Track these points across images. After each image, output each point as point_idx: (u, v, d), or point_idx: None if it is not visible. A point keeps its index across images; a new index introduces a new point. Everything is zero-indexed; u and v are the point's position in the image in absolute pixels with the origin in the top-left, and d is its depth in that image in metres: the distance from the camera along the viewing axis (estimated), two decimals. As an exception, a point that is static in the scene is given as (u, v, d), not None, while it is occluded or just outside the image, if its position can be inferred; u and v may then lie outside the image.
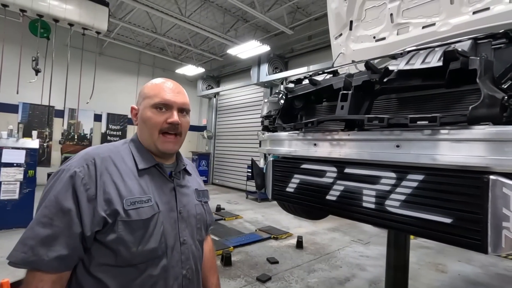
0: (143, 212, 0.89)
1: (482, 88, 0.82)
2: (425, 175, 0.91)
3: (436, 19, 1.90)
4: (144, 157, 0.98)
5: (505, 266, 4.47)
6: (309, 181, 1.30)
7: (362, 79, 1.19)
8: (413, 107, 1.17)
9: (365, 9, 2.24)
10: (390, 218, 0.98)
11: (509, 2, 1.64)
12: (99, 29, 5.81)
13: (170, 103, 0.98)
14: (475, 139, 0.82)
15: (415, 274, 4.01)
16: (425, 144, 0.92)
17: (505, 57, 0.90)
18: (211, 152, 12.39)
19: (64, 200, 0.82)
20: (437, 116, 0.86)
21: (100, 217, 0.83)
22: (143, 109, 0.98)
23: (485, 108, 0.81)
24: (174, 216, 0.98)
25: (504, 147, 0.77)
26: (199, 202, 1.10)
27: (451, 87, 1.01)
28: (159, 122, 0.96)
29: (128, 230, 0.85)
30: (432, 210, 0.88)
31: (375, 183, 1.03)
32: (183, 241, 0.98)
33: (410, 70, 0.99)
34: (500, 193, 0.74)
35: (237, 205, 8.28)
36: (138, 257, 0.87)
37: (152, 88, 1.00)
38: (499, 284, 3.87)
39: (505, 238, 0.72)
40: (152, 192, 0.94)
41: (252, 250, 4.62)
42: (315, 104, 1.59)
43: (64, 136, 9.45)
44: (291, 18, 8.10)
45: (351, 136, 1.14)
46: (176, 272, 0.95)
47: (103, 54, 10.53)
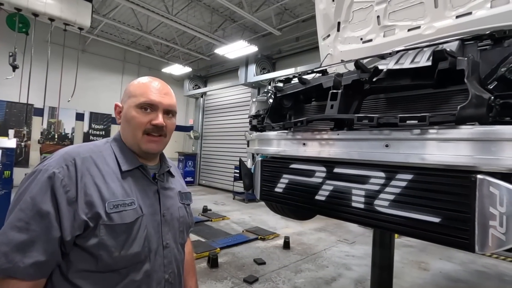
0: (126, 216, 0.85)
1: (470, 88, 0.84)
2: (414, 174, 0.91)
3: (421, 22, 1.94)
4: (127, 158, 0.94)
5: (483, 263, 4.64)
6: (298, 181, 1.28)
7: (351, 78, 1.19)
8: (402, 106, 1.18)
9: (353, 11, 2.27)
10: (379, 218, 0.99)
11: (490, 7, 1.70)
12: (82, 25, 5.62)
13: (156, 103, 0.94)
14: (463, 139, 0.83)
15: (399, 272, 4.09)
16: (414, 144, 0.92)
17: (491, 58, 0.92)
18: (197, 152, 12.26)
19: (42, 203, 0.77)
20: (427, 116, 0.87)
21: (81, 221, 0.79)
22: (128, 108, 0.94)
23: (473, 108, 0.82)
24: (157, 219, 0.95)
25: (491, 147, 0.79)
26: (182, 204, 1.08)
27: (439, 87, 1.03)
28: (143, 122, 0.93)
29: (111, 234, 0.82)
30: (420, 209, 0.88)
31: (364, 183, 1.03)
32: (166, 245, 0.95)
33: (399, 69, 1.00)
34: (487, 192, 0.75)
35: (224, 206, 8.21)
36: (121, 262, 0.83)
37: (138, 86, 0.96)
38: (478, 281, 4.01)
39: (491, 237, 0.73)
40: (136, 195, 0.91)
41: (239, 251, 4.59)
42: (304, 104, 1.58)
43: (44, 135, 9.10)
44: (279, 19, 8.13)
45: (341, 135, 1.13)
46: (159, 276, 0.92)
47: (86, 51, 10.22)
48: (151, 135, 0.94)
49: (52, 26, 5.52)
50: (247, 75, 9.21)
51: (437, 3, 1.86)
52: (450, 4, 1.83)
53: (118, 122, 0.99)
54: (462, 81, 0.87)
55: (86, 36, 9.49)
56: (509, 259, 4.75)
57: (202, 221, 6.28)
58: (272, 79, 8.84)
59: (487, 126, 0.81)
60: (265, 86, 9.26)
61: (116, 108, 1.00)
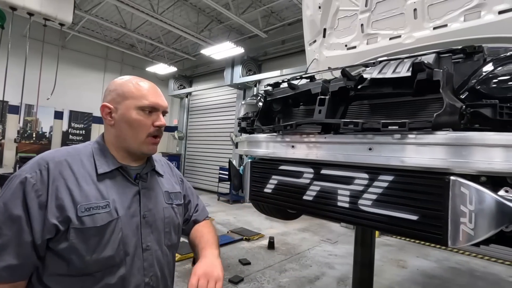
0: (98, 219, 0.84)
1: (445, 97, 0.92)
2: (394, 176, 0.99)
3: (402, 31, 2.06)
4: (105, 160, 0.94)
5: (457, 260, 4.90)
6: (287, 182, 1.34)
7: (338, 85, 1.26)
8: (384, 112, 1.26)
9: (338, 18, 2.36)
10: (363, 216, 1.05)
11: (463, 21, 1.82)
12: (63, 21, 5.43)
13: (158, 106, 0.97)
14: (438, 144, 0.91)
15: (379, 270, 4.25)
16: (394, 147, 1.00)
17: (463, 70, 1.01)
18: (182, 153, 12.12)
19: (13, 208, 0.78)
20: (406, 122, 0.94)
21: (51, 225, 0.79)
22: (126, 109, 0.93)
23: (447, 115, 0.91)
24: (136, 221, 0.93)
25: (462, 151, 0.87)
26: (169, 205, 1.05)
27: (418, 95, 1.11)
28: (148, 125, 0.95)
29: (81, 238, 0.81)
30: (400, 208, 0.96)
31: (349, 184, 1.10)
32: (146, 247, 0.94)
33: (382, 78, 1.07)
34: (458, 192, 0.83)
35: (208, 207, 8.17)
36: (93, 266, 0.83)
37: (135, 88, 0.96)
38: (452, 277, 4.23)
39: (462, 232, 0.82)
40: (112, 197, 0.90)
41: (224, 252, 4.60)
42: (293, 108, 1.64)
43: (20, 134, 8.71)
44: (265, 22, 8.22)
45: (328, 139, 1.20)
46: (137, 280, 0.91)
47: (66, 47, 9.88)
48: (154, 137, 0.97)
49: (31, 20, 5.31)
50: (233, 76, 9.23)
51: (416, 14, 1.97)
52: (428, 16, 1.94)
53: (109, 124, 0.96)
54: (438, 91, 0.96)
55: (66, 32, 9.18)
56: (479, 256, 5.03)
57: (187, 222, 6.23)
58: (258, 80, 8.91)
59: (459, 132, 0.90)
60: (251, 87, 9.32)
61: (105, 109, 0.96)
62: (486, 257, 4.98)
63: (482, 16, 1.74)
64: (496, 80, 0.92)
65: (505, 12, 1.66)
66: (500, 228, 0.80)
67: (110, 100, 0.96)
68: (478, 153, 0.84)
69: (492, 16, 1.71)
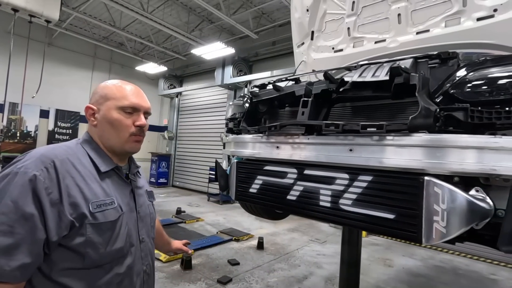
0: (109, 214, 0.91)
1: (420, 101, 0.96)
2: (373, 176, 1.02)
3: (386, 36, 2.11)
4: (104, 159, 0.99)
5: (441, 259, 5.03)
6: (271, 182, 1.36)
7: (321, 88, 1.29)
8: (366, 114, 1.30)
9: (325, 21, 2.40)
10: (343, 215, 1.08)
11: (444, 26, 1.89)
12: (50, 17, 5.33)
13: (138, 107, 1.01)
14: (413, 145, 0.95)
15: (366, 269, 4.32)
16: (373, 149, 1.03)
17: (438, 75, 1.06)
18: (172, 153, 12.02)
19: (25, 206, 0.77)
20: (384, 124, 0.98)
21: (67, 221, 0.82)
22: (108, 110, 0.98)
23: (422, 118, 0.95)
24: (134, 216, 1.02)
25: (436, 152, 0.91)
26: (150, 202, 1.18)
27: (397, 98, 1.15)
28: (129, 124, 0.99)
29: (97, 232, 0.87)
30: (378, 207, 0.99)
31: (331, 184, 1.13)
32: (142, 239, 1.04)
33: (362, 82, 1.11)
34: (432, 192, 0.87)
35: (198, 207, 8.14)
36: (106, 257, 0.89)
37: (117, 89, 1.01)
38: (436, 275, 4.34)
39: (435, 230, 0.85)
40: (114, 194, 0.96)
41: (213, 252, 4.59)
42: (279, 109, 1.67)
43: (4, 133, 8.47)
44: (256, 23, 8.24)
45: (311, 140, 1.23)
46: (138, 268, 1.00)
47: (53, 44, 9.66)
48: (136, 136, 1.01)
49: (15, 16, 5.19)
50: (223, 76, 9.22)
51: (400, 19, 2.03)
52: (411, 21, 2.00)
53: (93, 124, 1.01)
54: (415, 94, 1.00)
55: (53, 29, 8.98)
56: (463, 254, 5.18)
57: (176, 223, 6.19)
58: (249, 81, 8.93)
59: (433, 134, 0.94)
60: (241, 88, 9.32)
61: (88, 110, 1.01)
62: (469, 255, 5.13)
63: (462, 23, 1.81)
64: (467, 85, 0.96)
65: (483, 19, 1.73)
66: (470, 226, 0.84)
67: (94, 102, 1.01)
68: (451, 155, 0.89)
69: (471, 23, 1.78)
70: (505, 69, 0.92)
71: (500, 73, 0.92)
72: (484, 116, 0.90)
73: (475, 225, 0.86)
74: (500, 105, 0.88)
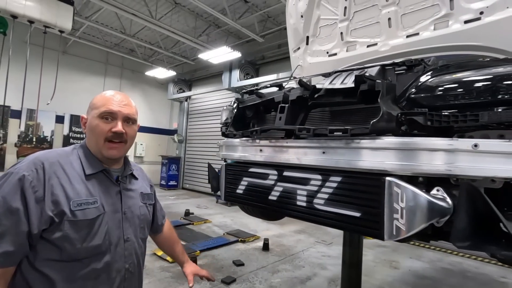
0: (89, 213, 0.98)
1: (382, 106, 1.01)
2: (342, 177, 1.08)
3: (378, 39, 2.15)
4: (91, 163, 1.07)
5: (450, 261, 4.94)
6: (255, 183, 1.44)
7: (296, 94, 1.37)
8: (343, 119, 1.36)
9: (320, 27, 2.46)
10: (317, 214, 1.15)
11: (433, 29, 1.92)
12: (63, 28, 5.59)
13: (115, 112, 1.07)
14: (375, 148, 1.01)
15: (370, 271, 4.31)
16: (342, 151, 1.09)
17: (404, 81, 1.11)
18: (181, 156, 12.23)
19: (12, 201, 0.89)
20: (348, 128, 1.04)
21: (47, 217, 0.91)
22: (91, 118, 1.07)
23: (384, 122, 1.00)
24: (118, 217, 1.08)
25: (395, 155, 0.96)
26: (144, 204, 1.22)
27: (365, 104, 1.21)
28: (105, 130, 1.05)
29: (74, 229, 0.94)
30: (347, 206, 1.05)
31: (306, 184, 1.20)
32: (126, 239, 1.09)
33: (334, 88, 1.17)
34: (392, 191, 0.92)
35: (206, 209, 8.26)
36: (83, 252, 0.96)
37: (100, 99, 1.10)
38: (443, 277, 4.28)
39: (395, 227, 0.90)
40: (99, 195, 1.04)
41: (219, 253, 4.68)
42: (265, 114, 1.75)
43: (22, 138, 8.87)
44: (261, 26, 8.35)
45: (289, 143, 1.30)
46: (119, 266, 1.06)
47: (67, 53, 10.07)
48: (112, 142, 1.07)
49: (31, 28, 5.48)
50: (230, 80, 9.35)
51: (391, 23, 2.07)
52: (402, 25, 2.04)
53: (85, 132, 1.12)
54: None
55: (67, 38, 9.36)
56: (473, 257, 5.07)
57: (184, 224, 6.32)
58: (256, 84, 9.02)
59: (392, 137, 0.99)
60: (248, 91, 9.41)
61: (82, 120, 1.13)
62: (479, 258, 5.03)
63: (450, 25, 1.84)
64: (426, 91, 1.01)
65: (470, 22, 1.76)
66: (428, 223, 0.89)
67: (87, 112, 1.12)
68: (409, 157, 0.93)
69: (458, 25, 1.81)
70: (462, 75, 0.96)
71: (456, 78, 0.97)
72: (443, 120, 0.94)
73: (436, 222, 0.90)
74: (456, 108, 0.93)
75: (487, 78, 0.92)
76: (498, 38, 1.62)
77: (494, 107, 0.87)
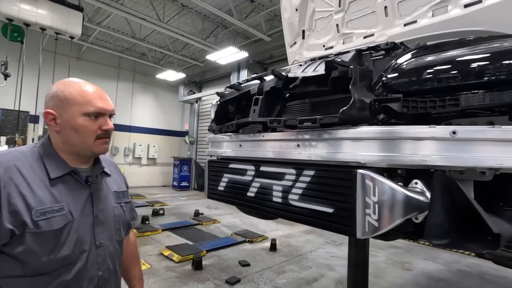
0: (54, 222, 0.88)
1: (353, 93, 0.94)
2: (314, 171, 1.01)
3: (374, 30, 2.06)
4: (56, 164, 0.96)
5: (468, 263, 4.69)
6: (234, 179, 1.38)
7: (270, 85, 1.30)
8: (320, 111, 1.28)
9: (315, 20, 2.38)
10: (292, 211, 1.08)
11: (432, 16, 1.81)
12: (73, 34, 5.77)
13: (104, 111, 0.99)
14: (348, 138, 0.93)
15: (381, 272, 4.16)
16: (314, 143, 1.02)
17: (381, 66, 1.02)
18: (193, 157, 12.35)
19: None
20: (317, 118, 0.97)
21: (6, 230, 0.81)
22: (72, 117, 0.95)
23: (355, 110, 0.92)
24: (89, 222, 0.98)
25: (369, 145, 0.88)
26: (118, 204, 1.12)
27: (341, 93, 1.13)
28: (94, 129, 0.97)
29: (38, 241, 0.84)
30: (320, 201, 0.98)
31: (281, 180, 1.13)
32: (99, 244, 1.00)
33: (309, 77, 1.10)
34: (364, 184, 0.84)
35: (216, 210, 8.28)
36: (50, 265, 0.87)
37: (79, 94, 0.97)
38: (459, 280, 4.07)
39: (368, 224, 0.82)
40: (66, 201, 0.93)
41: (225, 253, 4.66)
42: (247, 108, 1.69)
43: (39, 142, 9.21)
44: (268, 25, 8.30)
45: (265, 137, 1.24)
46: (92, 274, 0.97)
47: (81, 58, 10.40)
48: (103, 139, 1.00)
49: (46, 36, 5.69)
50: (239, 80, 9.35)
51: (387, 12, 1.97)
52: (398, 13, 1.94)
53: (55, 130, 0.97)
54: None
55: (81, 44, 9.68)
56: (492, 259, 4.80)
57: (193, 225, 6.35)
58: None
59: (364, 127, 0.91)
60: (257, 91, 9.39)
61: (48, 116, 0.96)
62: (499, 260, 4.75)
63: (449, 11, 1.73)
64: (400, 74, 0.92)
65: (470, 6, 1.65)
66: (404, 219, 0.81)
67: (52, 106, 0.97)
68: (380, 147, 0.86)
69: (458, 10, 1.69)
70: (440, 56, 0.87)
71: (434, 59, 0.88)
72: (419, 106, 0.86)
73: (415, 218, 0.82)
74: (434, 94, 0.84)
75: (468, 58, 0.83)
76: (500, 22, 1.50)
77: (478, 90, 0.78)
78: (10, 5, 5.03)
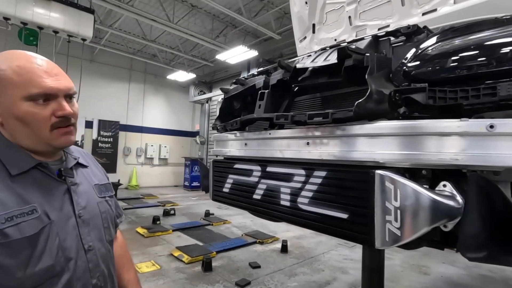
0: (27, 227, 0.71)
1: (370, 84, 0.83)
2: (326, 171, 0.90)
3: (390, 21, 1.94)
4: (17, 159, 0.77)
5: (489, 268, 4.45)
6: (240, 181, 1.29)
7: (276, 78, 1.21)
8: (334, 104, 1.17)
9: (326, 12, 2.28)
10: (301, 215, 0.97)
11: (454, 3, 1.68)
12: (84, 36, 5.85)
13: (54, 91, 0.76)
14: (365, 135, 0.82)
15: (397, 276, 4.00)
16: (325, 141, 0.92)
17: (402, 53, 0.91)
18: (204, 157, 12.38)
19: None
20: (329, 113, 0.86)
21: None
22: (11, 103, 0.73)
23: (373, 103, 0.82)
24: (72, 223, 0.82)
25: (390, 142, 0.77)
26: (102, 198, 0.96)
27: (349, 85, 1.02)
28: (46, 117, 0.76)
29: (8, 253, 0.67)
30: (333, 206, 0.87)
31: (289, 181, 1.03)
32: (88, 248, 0.84)
33: (319, 68, 1.00)
34: (384, 187, 0.74)
35: (227, 210, 8.23)
36: (28, 281, 0.70)
37: (15, 72, 0.73)
38: (480, 285, 3.86)
39: (388, 232, 0.72)
40: (38, 200, 0.75)
41: (236, 255, 4.59)
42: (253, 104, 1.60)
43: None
44: (278, 23, 8.19)
45: (272, 134, 1.14)
46: (84, 283, 0.82)
47: (94, 61, 10.58)
48: (61, 128, 0.79)
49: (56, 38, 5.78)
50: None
51: (404, 1, 1.85)
52: (416, 1, 1.81)
53: None
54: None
55: (94, 47, 9.85)
56: (517, 263, 4.54)
57: (203, 225, 6.33)
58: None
59: (384, 122, 0.80)
60: (267, 90, 9.30)
61: None
62: (525, 265, 4.48)
63: (474, -4, 1.59)
64: (425, 61, 0.81)
65: (498, -10, 1.51)
66: (431, 227, 0.70)
67: None
68: (404, 144, 0.75)
69: (484, -5, 1.55)
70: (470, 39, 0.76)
71: (464, 43, 0.76)
72: (448, 96, 0.74)
73: (443, 226, 0.71)
74: (464, 83, 0.72)
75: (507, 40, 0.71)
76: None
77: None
78: (25, 9, 5.14)
